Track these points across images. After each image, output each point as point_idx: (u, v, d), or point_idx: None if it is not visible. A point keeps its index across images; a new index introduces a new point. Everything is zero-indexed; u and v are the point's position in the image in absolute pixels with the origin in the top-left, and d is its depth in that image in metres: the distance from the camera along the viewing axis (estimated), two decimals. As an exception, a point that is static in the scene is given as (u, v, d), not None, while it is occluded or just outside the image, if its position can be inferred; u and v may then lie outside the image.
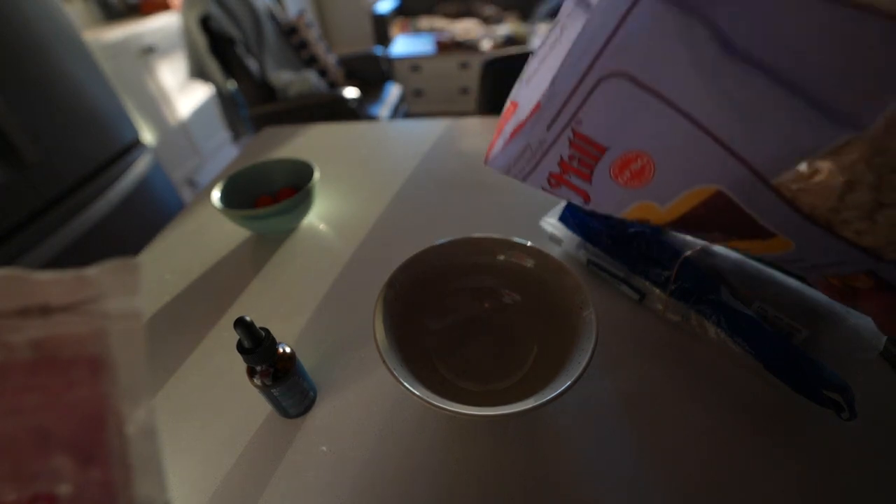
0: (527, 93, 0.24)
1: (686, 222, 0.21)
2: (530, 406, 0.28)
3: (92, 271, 0.19)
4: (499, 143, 0.25)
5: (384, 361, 0.30)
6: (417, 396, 0.28)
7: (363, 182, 0.68)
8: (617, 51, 0.18)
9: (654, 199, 0.22)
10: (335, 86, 1.92)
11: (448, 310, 0.40)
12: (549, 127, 0.22)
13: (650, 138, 0.21)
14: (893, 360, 0.35)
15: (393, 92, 2.09)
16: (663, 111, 0.19)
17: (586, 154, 0.22)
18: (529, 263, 0.39)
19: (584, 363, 0.29)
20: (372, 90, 2.06)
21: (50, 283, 0.19)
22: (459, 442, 0.34)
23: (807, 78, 0.15)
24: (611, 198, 0.23)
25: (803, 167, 0.16)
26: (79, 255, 1.03)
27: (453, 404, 0.28)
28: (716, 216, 0.20)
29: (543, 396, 0.28)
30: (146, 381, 0.20)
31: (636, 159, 0.21)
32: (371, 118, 1.81)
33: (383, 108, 1.91)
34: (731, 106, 0.17)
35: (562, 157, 0.23)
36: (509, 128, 0.24)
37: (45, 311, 0.18)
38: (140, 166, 1.25)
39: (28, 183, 0.94)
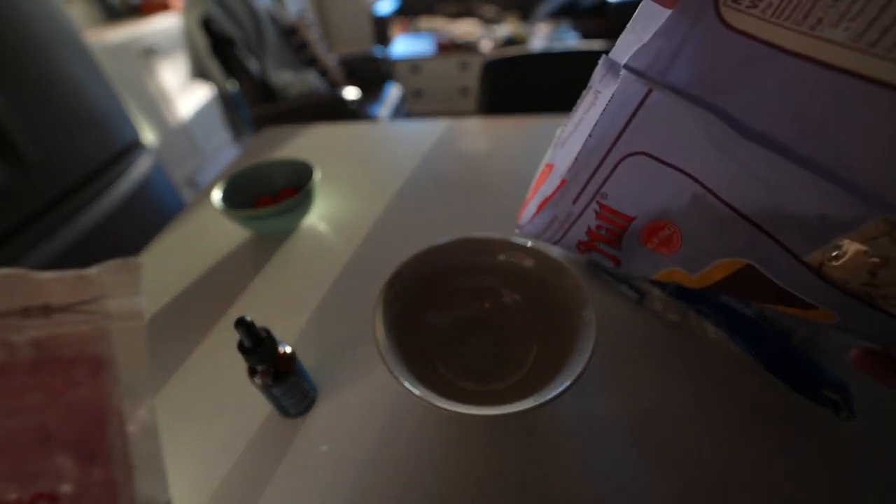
0: (562, 155, 0.25)
1: (719, 288, 0.21)
2: (530, 406, 0.28)
3: (93, 271, 0.19)
4: (529, 210, 0.26)
5: (384, 361, 0.30)
6: (417, 396, 0.28)
7: (363, 182, 0.68)
8: (634, 135, 0.19)
9: (684, 267, 0.22)
10: (335, 86, 1.92)
11: (448, 310, 0.40)
12: (574, 201, 0.23)
13: (676, 210, 0.21)
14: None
15: (393, 92, 2.09)
16: (687, 185, 0.19)
17: (614, 224, 0.23)
18: (529, 263, 0.39)
19: (583, 363, 0.29)
20: (372, 90, 2.06)
21: (51, 283, 0.19)
22: (459, 442, 0.34)
23: (828, 157, 0.15)
24: (641, 263, 0.24)
25: (834, 244, 0.16)
26: (80, 255, 1.03)
27: (453, 404, 0.28)
28: (750, 287, 0.20)
29: (543, 396, 0.28)
30: (147, 380, 0.20)
31: (664, 227, 0.22)
32: (371, 118, 1.82)
33: (383, 109, 1.92)
34: (754, 183, 0.17)
35: (589, 227, 0.24)
36: (541, 196, 0.25)
37: (46, 310, 0.18)
38: (141, 166, 1.25)
39: (29, 183, 0.95)
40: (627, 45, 0.22)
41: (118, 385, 0.18)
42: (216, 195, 0.53)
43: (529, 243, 0.38)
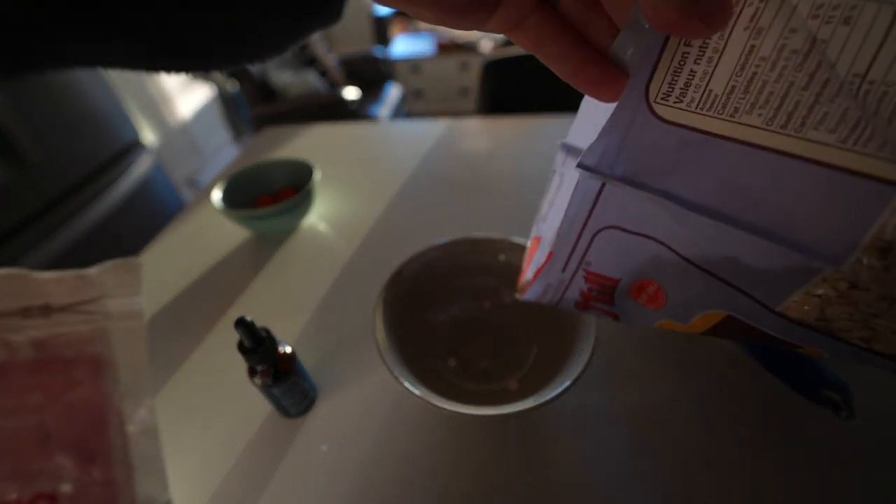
0: (546, 228, 0.28)
1: (713, 334, 0.23)
2: (530, 406, 0.28)
3: (93, 271, 0.19)
4: (527, 276, 0.29)
5: (384, 361, 0.30)
6: (417, 396, 0.28)
7: (363, 182, 0.68)
8: (601, 215, 0.22)
9: (674, 319, 0.24)
10: (335, 86, 1.92)
11: (448, 310, 0.40)
12: (563, 269, 0.26)
13: (655, 270, 0.23)
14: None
15: (393, 92, 2.09)
16: (659, 249, 0.22)
17: (603, 286, 0.26)
18: (529, 263, 0.39)
19: (583, 363, 0.29)
20: (372, 90, 2.06)
21: (51, 283, 0.19)
22: (459, 442, 0.34)
23: (769, 221, 0.17)
24: (636, 316, 0.26)
25: (799, 295, 0.18)
26: (80, 255, 1.03)
27: (453, 404, 0.28)
28: (738, 331, 0.22)
29: (543, 396, 0.28)
30: (147, 380, 0.20)
31: (649, 285, 0.24)
32: (371, 118, 1.82)
33: (383, 109, 1.92)
34: (716, 248, 0.20)
35: (582, 290, 0.27)
36: (534, 265, 0.28)
37: (46, 310, 0.18)
38: (141, 166, 1.25)
39: (29, 183, 0.95)
40: (579, 133, 0.25)
41: (118, 385, 0.18)
42: (216, 195, 0.53)
43: (529, 243, 0.38)
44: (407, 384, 0.29)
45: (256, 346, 0.31)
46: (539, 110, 0.92)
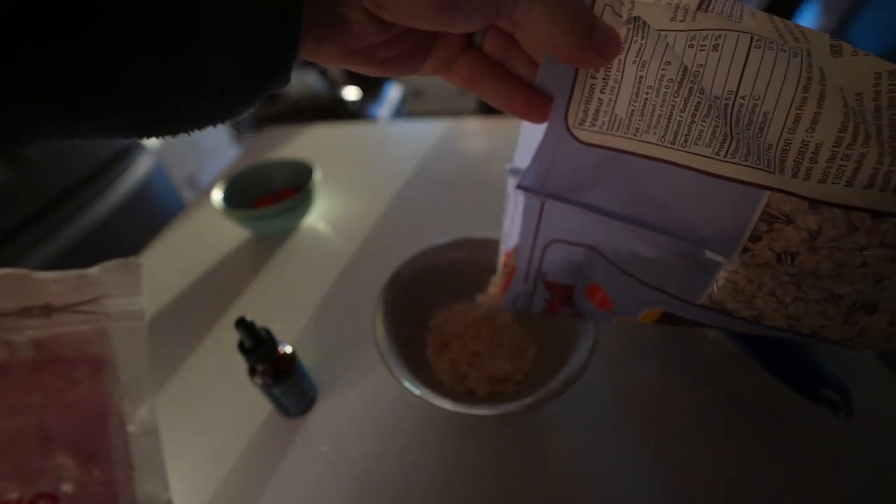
0: (510, 244, 0.31)
1: (661, 323, 0.26)
2: (530, 406, 0.28)
3: (93, 271, 0.19)
4: (501, 285, 0.33)
5: (384, 361, 0.30)
6: (417, 396, 0.28)
7: (363, 182, 0.68)
8: (546, 230, 0.25)
9: (626, 315, 0.27)
10: (335, 86, 1.92)
11: (448, 309, 0.40)
12: (525, 281, 0.30)
13: (597, 276, 0.27)
14: (890, 359, 0.35)
15: (393, 92, 2.09)
16: (596, 257, 0.25)
17: (561, 293, 0.30)
18: (529, 263, 0.39)
19: (583, 363, 0.29)
20: (372, 90, 2.06)
21: (52, 283, 0.19)
22: (459, 442, 0.34)
23: (674, 222, 0.20)
24: (596, 316, 0.30)
25: (713, 288, 0.21)
26: (80, 255, 1.03)
27: (453, 404, 0.28)
28: (677, 322, 0.25)
29: (543, 396, 0.28)
30: (147, 380, 0.20)
31: (598, 291, 0.28)
32: (371, 118, 1.82)
33: (383, 109, 1.92)
34: (636, 253, 0.23)
35: (545, 297, 0.30)
36: (504, 276, 0.32)
37: (47, 310, 0.18)
38: (141, 167, 1.25)
39: (29, 183, 0.95)
40: (521, 156, 0.28)
41: (118, 385, 0.18)
42: (216, 195, 0.53)
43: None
44: (407, 384, 0.29)
45: (256, 346, 0.31)
46: (539, 110, 0.92)
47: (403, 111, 2.17)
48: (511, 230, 0.31)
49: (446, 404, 0.28)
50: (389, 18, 0.16)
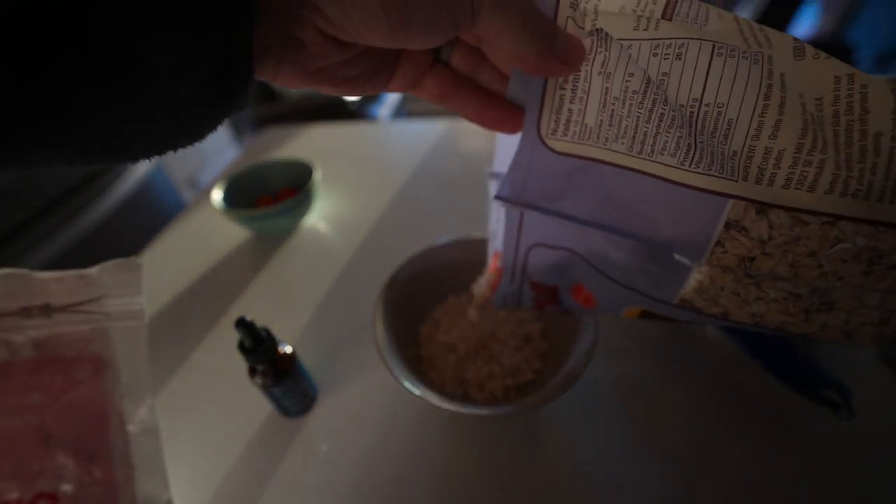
0: (496, 245, 0.32)
1: (643, 318, 0.27)
2: (530, 406, 0.28)
3: (93, 271, 0.19)
4: (479, 289, 0.34)
5: (384, 361, 0.30)
6: (417, 396, 0.28)
7: (363, 182, 0.68)
8: (527, 235, 0.26)
9: (610, 312, 0.28)
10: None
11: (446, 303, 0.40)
12: (511, 282, 0.30)
13: (579, 277, 0.27)
14: (890, 359, 0.35)
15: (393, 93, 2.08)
16: (576, 259, 0.26)
17: (546, 293, 0.30)
18: (529, 263, 0.39)
19: (583, 363, 0.29)
20: (372, 90, 2.05)
21: (52, 283, 0.19)
22: (459, 442, 0.34)
23: (643, 227, 0.21)
24: (583, 313, 0.31)
25: (685, 289, 0.22)
26: (80, 255, 1.03)
27: (453, 404, 0.28)
28: (658, 318, 0.25)
29: (543, 396, 0.28)
30: (147, 380, 0.20)
31: (581, 290, 0.28)
32: (371, 118, 1.82)
33: (383, 109, 1.91)
34: (611, 257, 0.24)
35: (532, 296, 0.31)
36: (495, 276, 0.32)
37: (47, 310, 0.18)
38: (141, 167, 1.25)
39: (29, 183, 0.95)
40: (500, 162, 0.29)
41: (119, 385, 0.18)
42: (216, 195, 0.53)
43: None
44: (407, 384, 0.29)
45: (256, 346, 0.31)
46: (539, 110, 0.92)
47: (403, 111, 2.17)
48: (497, 230, 0.31)
49: (446, 404, 0.28)
50: (345, 38, 0.15)
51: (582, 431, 0.34)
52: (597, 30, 0.17)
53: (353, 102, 1.65)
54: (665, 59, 0.16)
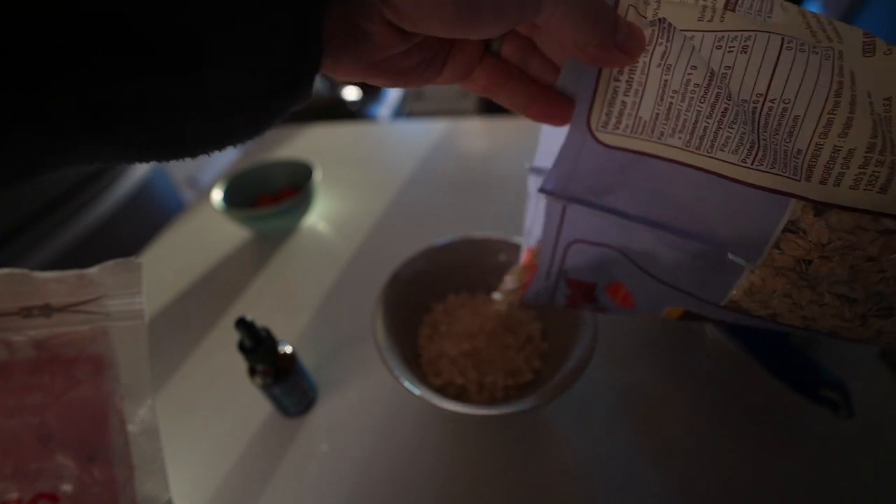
0: (531, 242, 0.32)
1: (684, 319, 0.26)
2: (530, 406, 0.28)
3: (93, 271, 0.19)
4: (510, 286, 0.33)
5: (384, 361, 0.30)
6: (417, 396, 0.28)
7: (363, 182, 0.68)
8: (568, 231, 0.25)
9: (648, 312, 0.28)
10: (335, 86, 1.92)
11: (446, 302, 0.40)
12: (546, 278, 0.29)
13: (619, 275, 0.27)
14: (890, 359, 0.35)
15: (393, 92, 2.09)
16: (617, 257, 0.25)
17: (582, 290, 0.29)
18: (529, 263, 0.39)
19: (583, 363, 0.29)
20: (372, 90, 2.06)
21: (52, 283, 0.19)
22: (459, 442, 0.34)
23: (695, 225, 0.20)
24: (618, 312, 0.30)
25: (735, 292, 0.21)
26: (80, 255, 1.03)
27: (453, 404, 0.28)
28: (700, 318, 0.25)
29: (543, 396, 0.28)
30: (148, 380, 0.20)
31: (620, 289, 0.27)
32: (371, 118, 1.82)
33: (384, 109, 1.92)
34: (658, 255, 0.23)
35: (567, 294, 0.30)
36: (527, 273, 0.32)
37: (46, 310, 0.18)
38: (141, 167, 1.25)
39: (29, 183, 0.94)
40: (543, 156, 0.28)
41: (119, 385, 0.18)
42: (216, 195, 0.53)
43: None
44: (407, 384, 0.29)
45: (256, 345, 0.31)
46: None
47: (404, 111, 2.17)
48: (532, 227, 0.31)
49: (446, 404, 0.28)
50: (410, 27, 0.15)
51: (581, 431, 0.34)
52: (659, 20, 0.16)
53: (354, 102, 1.65)
54: (730, 51, 0.16)
